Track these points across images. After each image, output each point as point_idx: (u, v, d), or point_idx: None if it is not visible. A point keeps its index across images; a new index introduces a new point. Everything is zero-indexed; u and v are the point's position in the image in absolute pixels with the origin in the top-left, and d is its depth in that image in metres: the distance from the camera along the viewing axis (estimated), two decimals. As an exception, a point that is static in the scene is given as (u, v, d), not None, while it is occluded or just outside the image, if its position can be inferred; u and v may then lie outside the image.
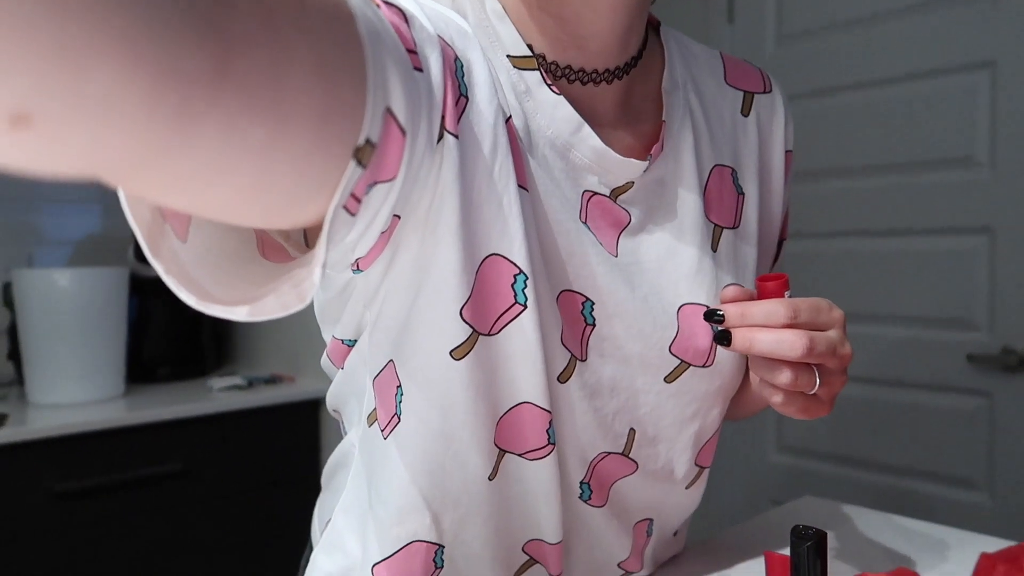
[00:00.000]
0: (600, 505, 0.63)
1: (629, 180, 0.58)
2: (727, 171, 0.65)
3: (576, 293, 0.55)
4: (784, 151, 0.69)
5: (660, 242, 0.60)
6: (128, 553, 1.57)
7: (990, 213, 1.65)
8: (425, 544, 0.59)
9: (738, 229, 0.65)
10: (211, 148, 0.25)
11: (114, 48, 0.20)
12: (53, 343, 1.65)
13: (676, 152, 0.61)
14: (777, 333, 0.53)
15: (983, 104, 1.65)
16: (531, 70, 0.54)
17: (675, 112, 0.62)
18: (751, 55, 2.06)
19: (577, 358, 0.56)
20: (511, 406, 0.55)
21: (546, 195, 0.54)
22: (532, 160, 0.54)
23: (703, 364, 0.62)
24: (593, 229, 0.56)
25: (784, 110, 0.70)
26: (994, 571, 0.59)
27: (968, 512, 1.70)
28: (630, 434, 0.61)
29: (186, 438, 1.63)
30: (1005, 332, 1.63)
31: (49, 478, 1.48)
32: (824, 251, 1.93)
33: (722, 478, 2.15)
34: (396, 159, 0.36)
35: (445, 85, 0.44)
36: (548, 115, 0.54)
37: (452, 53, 0.47)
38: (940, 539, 0.81)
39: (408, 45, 0.40)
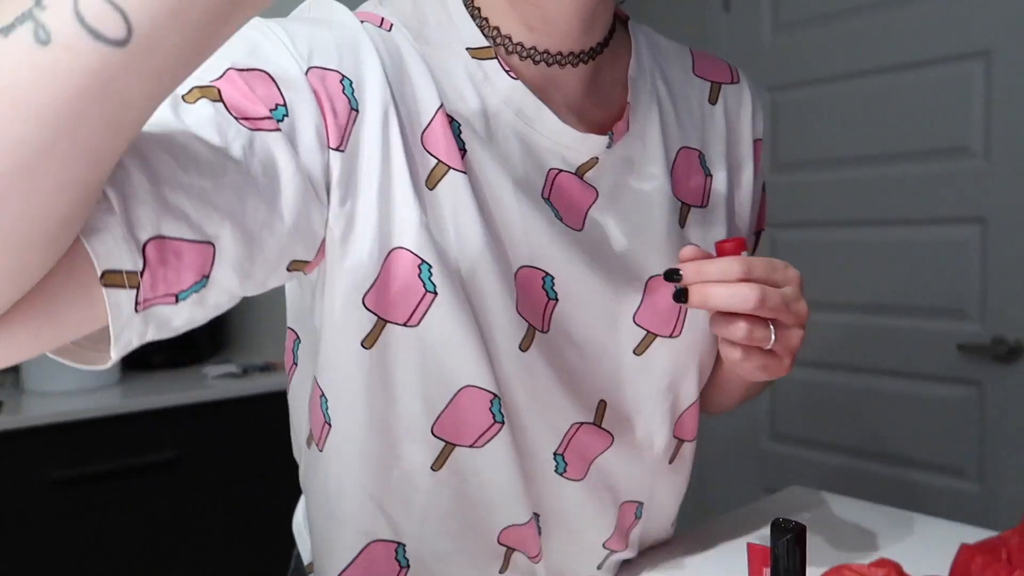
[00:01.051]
0: (578, 479, 0.64)
1: (593, 156, 0.60)
2: (694, 153, 0.67)
3: (535, 269, 0.58)
4: (753, 140, 0.72)
5: (628, 217, 0.62)
6: (123, 540, 1.58)
7: (983, 203, 1.65)
8: (383, 543, 0.61)
9: (706, 208, 0.67)
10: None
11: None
12: (48, 331, 1.65)
13: (643, 133, 0.64)
14: (731, 287, 0.54)
15: (977, 94, 1.65)
16: (489, 59, 0.57)
17: (641, 95, 0.64)
18: (747, 44, 2.06)
19: (537, 328, 0.58)
20: (453, 393, 0.56)
21: (500, 176, 0.56)
22: (487, 143, 0.56)
23: (670, 334, 0.64)
24: (556, 205, 0.59)
25: (752, 100, 0.72)
26: (973, 562, 0.60)
27: (958, 500, 1.71)
28: (600, 405, 0.63)
29: (181, 426, 1.64)
30: (996, 322, 1.64)
31: (44, 465, 1.49)
32: (817, 240, 1.93)
33: (715, 466, 2.16)
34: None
35: (323, 114, 0.49)
36: (506, 99, 0.57)
37: (336, 77, 0.51)
38: (923, 529, 0.82)
39: (260, 113, 0.46)
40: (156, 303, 0.40)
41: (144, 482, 1.61)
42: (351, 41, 0.53)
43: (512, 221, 0.57)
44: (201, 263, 0.41)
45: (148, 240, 0.38)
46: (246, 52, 0.48)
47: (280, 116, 0.47)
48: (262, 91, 0.47)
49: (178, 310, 0.42)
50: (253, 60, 0.48)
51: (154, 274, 0.39)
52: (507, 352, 0.57)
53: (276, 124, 0.47)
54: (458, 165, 0.55)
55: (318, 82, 0.50)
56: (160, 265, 0.39)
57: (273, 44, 0.50)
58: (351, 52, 0.52)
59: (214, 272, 0.42)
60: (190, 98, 0.45)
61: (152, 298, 0.40)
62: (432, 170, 0.54)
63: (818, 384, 1.96)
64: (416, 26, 0.57)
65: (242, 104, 0.46)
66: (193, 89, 0.45)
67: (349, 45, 0.53)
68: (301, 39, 0.51)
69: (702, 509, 2.15)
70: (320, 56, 0.51)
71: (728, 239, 0.60)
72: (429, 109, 0.55)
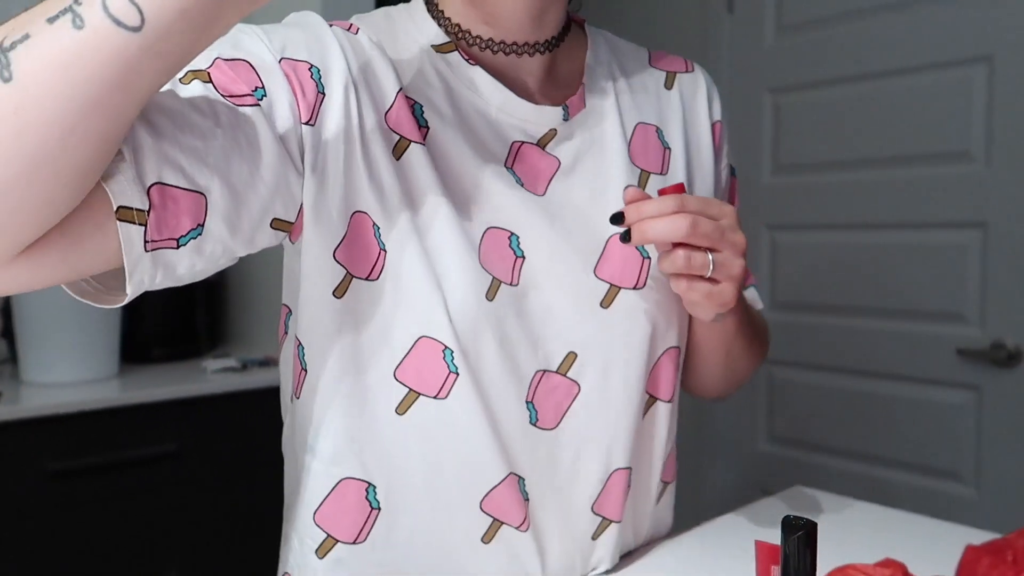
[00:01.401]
0: (551, 428, 0.67)
1: (551, 128, 0.68)
2: (651, 128, 0.74)
3: (501, 229, 0.65)
4: (711, 122, 0.78)
5: (588, 183, 0.69)
6: (121, 533, 1.58)
7: (984, 208, 1.66)
8: (355, 481, 0.65)
9: (666, 175, 0.73)
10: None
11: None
12: (47, 322, 1.65)
13: (600, 110, 0.71)
14: (665, 219, 0.59)
15: (979, 99, 1.66)
16: (451, 52, 0.67)
17: (597, 79, 0.72)
18: (750, 45, 2.06)
19: (504, 281, 0.64)
20: (412, 342, 0.62)
21: (463, 148, 0.64)
22: (451, 121, 0.65)
23: (634, 286, 0.69)
24: (519, 173, 0.66)
25: (707, 86, 0.79)
26: (979, 563, 0.60)
27: (954, 505, 1.72)
28: (569, 356, 0.67)
29: (180, 419, 1.63)
30: (996, 327, 1.65)
31: (42, 457, 1.48)
32: (818, 243, 1.94)
33: (712, 466, 2.16)
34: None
35: (295, 94, 0.58)
36: (468, 83, 0.66)
37: (305, 66, 0.60)
38: (927, 531, 0.83)
39: (243, 92, 0.56)
40: (161, 246, 0.49)
41: (142, 475, 1.60)
42: (318, 37, 0.62)
43: (475, 186, 0.64)
44: (196, 211, 0.51)
45: (152, 185, 0.48)
46: (230, 46, 0.58)
47: (260, 96, 0.56)
48: (244, 76, 0.56)
49: (180, 255, 0.51)
50: (236, 52, 0.57)
51: (158, 216, 0.48)
52: (473, 301, 0.62)
53: (256, 101, 0.56)
54: (419, 139, 0.63)
55: (290, 69, 0.59)
56: (162, 209, 0.49)
57: (252, 40, 0.59)
58: (318, 46, 0.61)
59: (207, 221, 0.52)
60: (185, 80, 0.54)
61: (158, 240, 0.49)
62: (396, 144, 0.62)
63: (816, 387, 1.96)
64: (387, 34, 0.67)
65: (228, 85, 0.55)
66: (188, 72, 0.54)
67: (317, 40, 0.62)
68: (275, 37, 0.60)
69: (699, 510, 2.15)
70: (291, 49, 0.60)
71: (668, 186, 0.63)
72: (390, 93, 0.63)
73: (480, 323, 0.62)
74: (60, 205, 0.44)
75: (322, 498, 0.66)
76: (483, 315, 0.62)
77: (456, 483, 0.65)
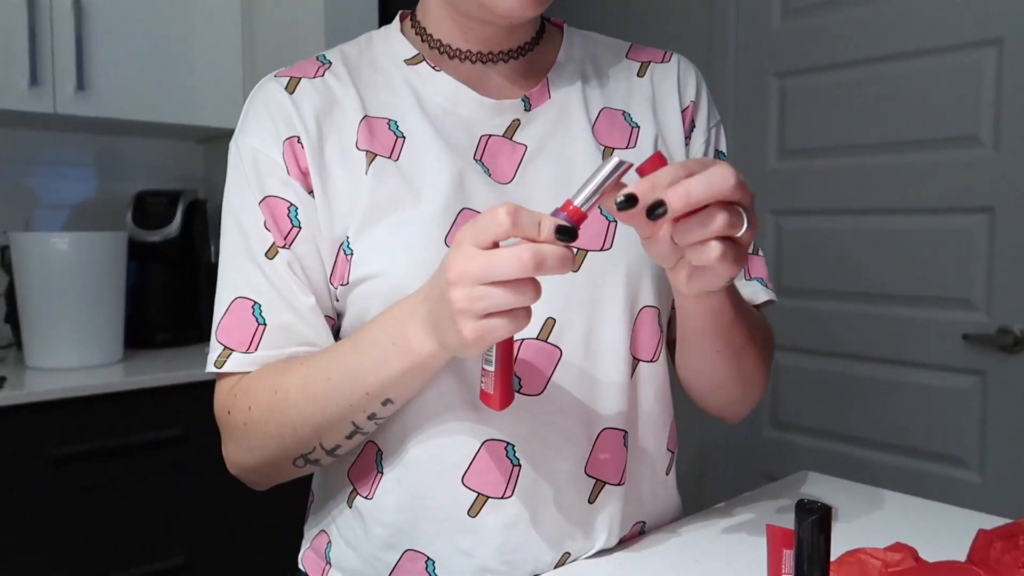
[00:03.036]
0: (537, 393, 0.70)
1: (514, 118, 0.74)
2: (618, 112, 0.78)
3: (475, 211, 0.69)
4: (683, 105, 0.80)
5: (555, 163, 0.74)
6: (126, 518, 1.58)
7: (991, 193, 1.65)
8: (372, 444, 0.73)
9: (632, 150, 0.77)
10: None
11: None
12: (51, 307, 1.64)
13: (566, 99, 0.77)
14: (702, 175, 0.53)
15: (988, 82, 1.65)
16: (419, 63, 0.75)
17: (564, 72, 0.78)
18: (757, 29, 2.04)
19: None
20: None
21: (436, 145, 0.71)
22: (425, 125, 0.72)
23: (601, 248, 0.71)
24: (487, 163, 0.72)
25: (681, 71, 0.82)
26: (991, 548, 0.60)
27: (958, 490, 1.72)
28: (548, 322, 0.70)
29: (184, 404, 1.64)
30: (1002, 312, 1.64)
31: (47, 442, 1.49)
32: (824, 228, 1.93)
33: (716, 452, 2.17)
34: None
35: (287, 168, 0.71)
36: (435, 88, 0.74)
37: (292, 136, 0.71)
38: (936, 516, 0.82)
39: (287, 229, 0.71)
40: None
41: (147, 460, 1.61)
42: (284, 112, 0.72)
43: (447, 176, 0.70)
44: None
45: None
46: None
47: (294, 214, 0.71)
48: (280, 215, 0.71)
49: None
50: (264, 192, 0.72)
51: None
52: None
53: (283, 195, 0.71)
54: (387, 152, 0.71)
55: (289, 154, 0.71)
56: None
57: (268, 169, 0.72)
58: (285, 121, 0.72)
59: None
60: (270, 255, 0.71)
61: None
62: (365, 161, 0.71)
63: (820, 372, 1.96)
64: (367, 55, 0.77)
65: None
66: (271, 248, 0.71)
67: (283, 117, 0.72)
68: (270, 151, 0.71)
69: (703, 495, 2.15)
70: (277, 143, 0.71)
71: (644, 161, 0.57)
72: (354, 123, 0.72)
73: None
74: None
75: (353, 458, 0.75)
76: None
77: (439, 457, 0.70)
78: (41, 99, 1.75)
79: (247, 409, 0.70)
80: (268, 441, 0.70)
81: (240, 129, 0.73)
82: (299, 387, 0.67)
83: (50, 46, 1.75)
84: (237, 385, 0.72)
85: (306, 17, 1.89)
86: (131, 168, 2.19)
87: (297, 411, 0.67)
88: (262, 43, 2.03)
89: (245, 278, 0.71)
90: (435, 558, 0.71)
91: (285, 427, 0.68)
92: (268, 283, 0.70)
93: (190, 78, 1.97)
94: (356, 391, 0.65)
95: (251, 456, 0.72)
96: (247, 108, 0.74)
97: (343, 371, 0.65)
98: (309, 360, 0.68)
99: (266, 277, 0.70)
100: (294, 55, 1.97)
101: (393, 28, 0.79)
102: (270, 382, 0.69)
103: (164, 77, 1.93)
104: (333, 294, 0.72)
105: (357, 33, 0.82)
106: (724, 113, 2.11)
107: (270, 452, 0.71)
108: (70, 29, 1.76)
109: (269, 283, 0.70)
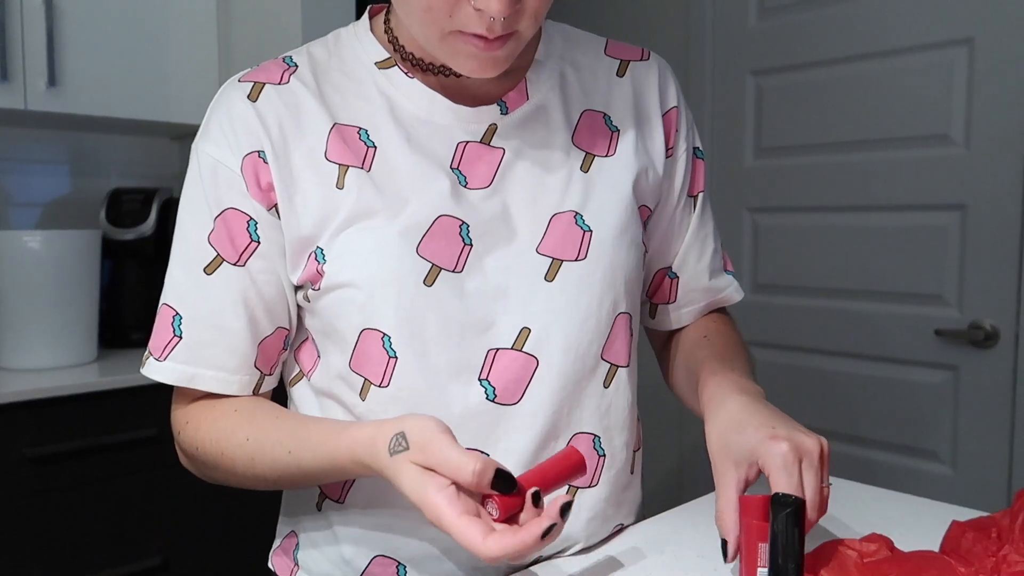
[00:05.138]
0: (513, 403, 0.70)
1: (491, 123, 0.72)
2: (599, 115, 0.77)
3: (452, 217, 0.69)
4: (664, 109, 0.80)
5: (533, 167, 0.72)
6: (101, 518, 1.57)
7: (963, 190, 1.67)
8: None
9: (613, 157, 0.76)
10: None
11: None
12: (24, 307, 1.62)
13: (545, 101, 0.75)
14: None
15: (959, 82, 1.67)
16: (391, 67, 0.72)
17: (543, 73, 0.76)
18: (733, 27, 2.06)
19: (445, 268, 0.68)
20: (356, 336, 0.69)
21: (408, 154, 0.70)
22: (397, 134, 0.70)
23: (575, 258, 0.71)
24: (464, 171, 0.71)
25: (660, 74, 0.81)
26: (963, 537, 0.61)
27: (931, 483, 1.75)
28: (523, 332, 0.70)
29: (159, 403, 1.62)
30: (973, 308, 1.67)
31: (21, 443, 1.47)
32: (798, 225, 1.95)
33: (695, 447, 2.18)
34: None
35: (247, 184, 0.69)
36: (409, 96, 0.71)
37: (253, 155, 0.69)
38: (910, 508, 0.84)
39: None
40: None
41: (122, 460, 1.59)
42: (246, 124, 0.69)
43: (420, 186, 0.69)
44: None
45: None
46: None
47: (253, 228, 0.69)
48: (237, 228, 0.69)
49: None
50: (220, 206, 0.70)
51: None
52: (411, 288, 0.67)
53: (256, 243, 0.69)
54: (359, 162, 0.69)
55: (250, 171, 0.68)
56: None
57: (227, 181, 0.69)
58: (248, 133, 0.69)
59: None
60: (209, 270, 0.69)
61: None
62: (337, 173, 0.69)
63: (795, 367, 1.98)
64: (336, 56, 0.74)
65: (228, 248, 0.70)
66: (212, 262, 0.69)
67: (246, 129, 0.69)
68: (230, 163, 0.69)
69: (682, 491, 2.17)
70: (237, 157, 0.69)
71: (752, 497, 0.61)
72: (323, 133, 0.70)
73: (418, 308, 0.67)
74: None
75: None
76: (421, 300, 0.66)
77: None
78: (11, 95, 1.72)
79: (195, 448, 0.71)
80: (218, 475, 0.72)
81: (201, 135, 0.71)
82: (245, 463, 0.68)
83: (20, 41, 1.72)
84: (190, 410, 0.73)
85: (283, 12, 1.88)
86: (104, 165, 2.17)
87: (247, 479, 0.69)
88: (238, 38, 2.01)
89: (176, 287, 0.71)
90: (406, 563, 0.71)
91: (237, 479, 0.70)
92: (198, 297, 0.69)
93: (164, 74, 1.95)
94: (315, 484, 0.69)
95: (202, 474, 0.74)
96: (209, 114, 0.72)
97: (296, 469, 0.66)
98: (253, 439, 0.67)
99: (198, 290, 0.69)
100: (270, 50, 1.95)
101: (363, 27, 0.75)
102: (215, 439, 0.69)
103: (137, 73, 1.91)
104: (295, 300, 0.72)
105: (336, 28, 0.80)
106: (701, 111, 2.12)
107: (222, 480, 0.72)
108: (41, 24, 1.74)
109: (199, 297, 0.69)
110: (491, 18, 0.59)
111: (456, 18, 0.60)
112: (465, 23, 0.60)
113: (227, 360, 0.70)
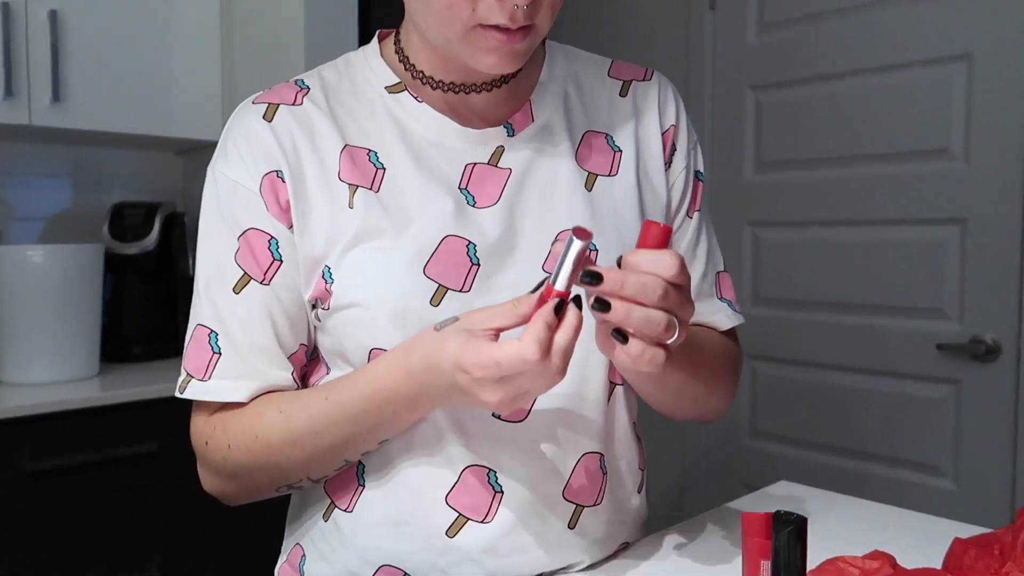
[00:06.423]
0: (519, 420, 0.70)
1: (498, 145, 0.74)
2: (601, 136, 0.78)
3: (459, 238, 0.70)
4: (663, 128, 0.80)
5: (538, 187, 0.74)
6: (101, 533, 1.56)
7: (963, 205, 1.68)
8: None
9: (615, 177, 0.77)
10: None
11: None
12: (26, 321, 1.62)
13: (549, 123, 0.76)
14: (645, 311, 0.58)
15: (958, 96, 1.68)
16: (401, 92, 0.74)
17: (547, 95, 0.77)
18: (732, 42, 2.07)
19: (452, 288, 0.69)
20: (366, 356, 0.69)
21: (417, 176, 0.71)
22: (406, 155, 0.71)
23: None
24: (473, 192, 0.72)
25: (661, 92, 0.81)
26: (966, 555, 0.61)
27: (934, 498, 1.74)
28: None
29: (160, 419, 1.62)
30: (975, 322, 1.67)
31: (22, 457, 1.47)
32: (799, 239, 1.95)
33: (696, 463, 2.18)
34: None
35: (267, 204, 0.70)
36: (419, 120, 0.73)
37: (272, 175, 0.70)
38: (913, 524, 0.83)
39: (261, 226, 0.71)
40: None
41: (123, 475, 1.59)
42: (263, 144, 0.71)
43: (428, 206, 0.70)
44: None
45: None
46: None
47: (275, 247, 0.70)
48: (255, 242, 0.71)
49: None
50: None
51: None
52: (418, 308, 0.67)
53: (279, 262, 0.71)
54: (368, 183, 0.71)
55: (269, 190, 0.70)
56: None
57: (246, 205, 0.71)
58: (265, 153, 0.71)
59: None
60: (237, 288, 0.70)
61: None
62: (348, 193, 0.70)
63: (797, 381, 1.98)
64: (347, 79, 0.75)
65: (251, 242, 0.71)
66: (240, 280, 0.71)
67: (263, 149, 0.71)
68: (249, 184, 0.70)
69: (683, 506, 2.16)
70: (256, 178, 0.70)
71: (642, 233, 0.62)
72: (335, 154, 0.71)
73: (425, 327, 0.66)
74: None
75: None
76: (428, 320, 0.66)
77: (423, 476, 0.70)
78: (16, 110, 1.73)
79: (226, 447, 0.71)
80: (251, 474, 0.71)
81: (218, 157, 0.73)
82: (281, 434, 0.68)
83: (25, 57, 1.73)
84: (215, 418, 0.73)
85: (285, 29, 1.89)
86: (108, 179, 2.17)
87: (283, 455, 0.69)
88: (241, 54, 2.02)
89: (209, 307, 0.72)
90: (412, 573, 0.71)
91: (271, 467, 0.70)
92: (230, 315, 0.71)
93: (167, 89, 1.96)
94: (351, 444, 0.68)
95: (230, 485, 0.73)
96: (225, 136, 0.73)
97: (338, 414, 0.67)
98: (287, 409, 0.69)
99: (230, 309, 0.71)
100: (273, 66, 1.97)
101: (372, 51, 0.77)
102: (248, 425, 0.70)
103: (141, 88, 1.92)
104: (312, 318, 0.73)
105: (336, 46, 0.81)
106: (701, 126, 2.13)
107: (253, 483, 0.72)
108: (46, 40, 1.75)
109: (231, 315, 0.70)
110: (515, 6, 0.61)
111: (479, 11, 0.62)
112: (487, 15, 0.62)
113: (267, 371, 0.71)
